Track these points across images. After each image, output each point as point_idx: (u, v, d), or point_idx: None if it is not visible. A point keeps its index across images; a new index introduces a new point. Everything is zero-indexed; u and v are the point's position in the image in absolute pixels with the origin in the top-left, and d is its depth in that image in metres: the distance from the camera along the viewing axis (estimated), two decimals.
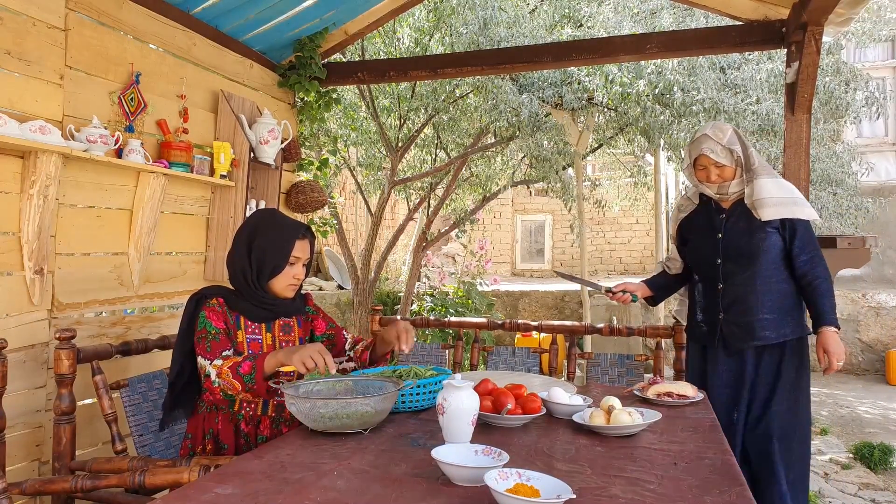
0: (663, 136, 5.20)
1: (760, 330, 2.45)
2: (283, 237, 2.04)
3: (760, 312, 2.45)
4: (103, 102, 2.59)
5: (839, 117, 5.35)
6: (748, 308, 2.46)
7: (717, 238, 2.53)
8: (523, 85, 5.45)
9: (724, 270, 2.52)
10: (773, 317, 2.45)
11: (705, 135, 2.48)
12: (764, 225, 2.44)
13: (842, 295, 7.07)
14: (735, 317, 2.49)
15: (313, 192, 3.78)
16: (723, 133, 2.48)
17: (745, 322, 2.47)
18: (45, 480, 1.91)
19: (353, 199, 11.42)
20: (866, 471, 4.02)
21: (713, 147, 2.46)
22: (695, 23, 5.25)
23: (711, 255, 2.54)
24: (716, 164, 2.47)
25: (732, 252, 2.49)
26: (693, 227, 2.65)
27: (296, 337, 2.14)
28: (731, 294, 2.50)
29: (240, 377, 1.85)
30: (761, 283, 2.45)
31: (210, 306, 1.99)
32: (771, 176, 2.48)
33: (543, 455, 1.57)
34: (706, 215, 2.60)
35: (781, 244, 2.46)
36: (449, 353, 3.33)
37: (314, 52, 3.70)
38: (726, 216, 2.54)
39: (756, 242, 2.44)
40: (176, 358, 2.03)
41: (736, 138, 2.48)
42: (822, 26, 2.83)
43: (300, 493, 1.31)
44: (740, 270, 2.48)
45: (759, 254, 2.44)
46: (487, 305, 7.51)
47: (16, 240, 2.28)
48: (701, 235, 2.60)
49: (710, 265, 2.55)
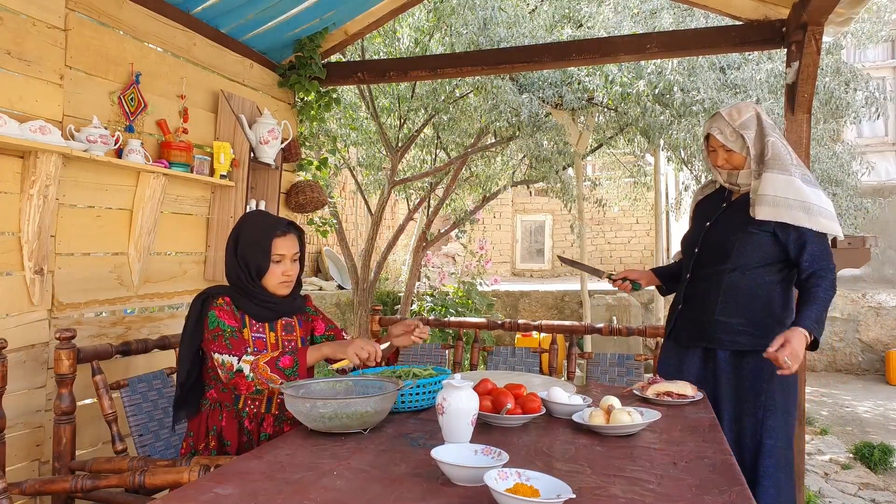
0: (663, 137, 5.19)
1: (711, 332, 2.27)
2: (261, 237, 2.05)
3: (718, 313, 2.25)
4: (103, 102, 2.59)
5: (839, 117, 5.35)
6: (705, 306, 2.29)
7: (705, 226, 2.38)
8: (523, 85, 5.45)
9: (696, 261, 2.36)
10: (733, 321, 2.24)
11: (719, 113, 2.29)
12: (755, 224, 2.20)
13: (842, 295, 7.07)
14: (690, 312, 2.35)
15: (313, 192, 3.78)
16: (739, 114, 2.25)
17: (698, 320, 2.31)
18: (45, 480, 1.91)
19: (353, 199, 11.42)
20: (866, 471, 4.02)
21: (723, 128, 2.25)
22: (695, 23, 5.25)
23: (693, 243, 2.40)
24: (724, 147, 2.27)
25: (707, 246, 2.33)
26: (700, 211, 2.49)
27: (297, 336, 2.14)
28: (694, 288, 2.36)
29: (280, 371, 1.87)
30: (729, 283, 2.25)
31: (218, 305, 2.00)
32: (785, 172, 2.16)
33: (543, 455, 1.57)
34: (715, 201, 2.42)
35: (775, 250, 2.21)
36: (449, 353, 3.33)
37: (314, 52, 3.70)
38: (727, 206, 2.36)
39: (733, 240, 2.24)
40: (184, 358, 2.04)
41: (754, 123, 2.23)
42: (823, 26, 2.83)
43: (300, 493, 1.31)
44: (710, 265, 2.30)
45: (732, 252, 2.23)
46: (487, 305, 7.51)
47: (16, 240, 2.28)
48: (699, 221, 2.44)
49: (689, 255, 2.41)
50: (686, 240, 2.49)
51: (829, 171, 5.55)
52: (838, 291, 6.89)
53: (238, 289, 2.06)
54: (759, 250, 2.22)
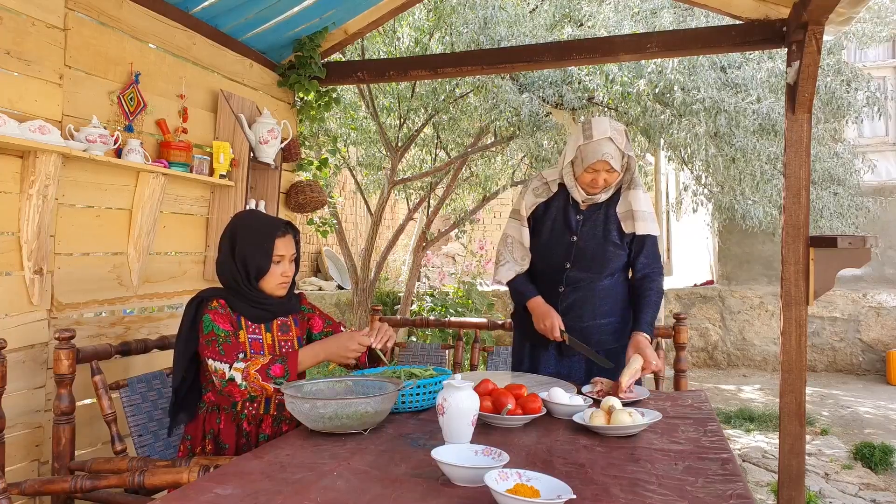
0: (663, 136, 5.19)
1: (597, 335, 2.42)
2: (262, 238, 2.03)
3: (598, 317, 2.41)
4: (103, 102, 2.58)
5: (840, 117, 5.34)
6: (586, 314, 2.42)
7: (570, 240, 2.42)
8: (523, 84, 5.44)
9: (570, 275, 2.43)
10: (609, 321, 2.42)
11: (608, 139, 2.27)
12: (621, 236, 2.39)
13: (842, 295, 7.07)
14: (573, 321, 2.42)
15: (313, 191, 3.78)
16: (621, 136, 2.30)
17: (583, 328, 2.41)
18: (44, 481, 1.91)
19: (353, 199, 11.42)
20: (867, 471, 4.01)
21: (613, 153, 2.27)
22: (695, 22, 5.24)
23: (560, 258, 2.44)
24: (609, 170, 2.30)
25: (583, 259, 2.41)
26: (547, 220, 2.47)
27: (294, 336, 2.13)
28: (572, 298, 2.43)
29: (271, 380, 1.87)
30: (600, 289, 2.42)
31: (213, 309, 1.98)
32: (641, 187, 2.42)
33: (543, 455, 1.57)
34: (562, 210, 2.45)
35: (626, 255, 2.43)
36: (449, 354, 3.32)
37: (314, 51, 3.70)
38: (583, 219, 2.42)
39: (608, 255, 2.39)
40: (178, 363, 2.02)
41: (629, 142, 2.35)
42: (823, 26, 2.82)
43: (300, 494, 1.31)
44: (586, 277, 2.42)
45: (607, 265, 2.40)
46: (487, 305, 7.51)
47: (15, 240, 2.28)
48: (555, 233, 2.45)
49: (557, 268, 2.45)
50: (547, 253, 2.47)
51: (831, 170, 5.54)
52: (838, 291, 6.94)
53: (232, 290, 2.05)
54: (621, 258, 2.43)
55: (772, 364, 7.18)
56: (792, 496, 2.89)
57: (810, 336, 7.14)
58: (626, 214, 2.39)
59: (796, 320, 2.92)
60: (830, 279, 2.91)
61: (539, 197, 2.48)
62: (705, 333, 7.43)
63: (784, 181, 3.00)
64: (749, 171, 5.04)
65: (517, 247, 2.52)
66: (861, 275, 7.02)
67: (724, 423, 4.98)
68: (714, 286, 7.57)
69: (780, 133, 4.82)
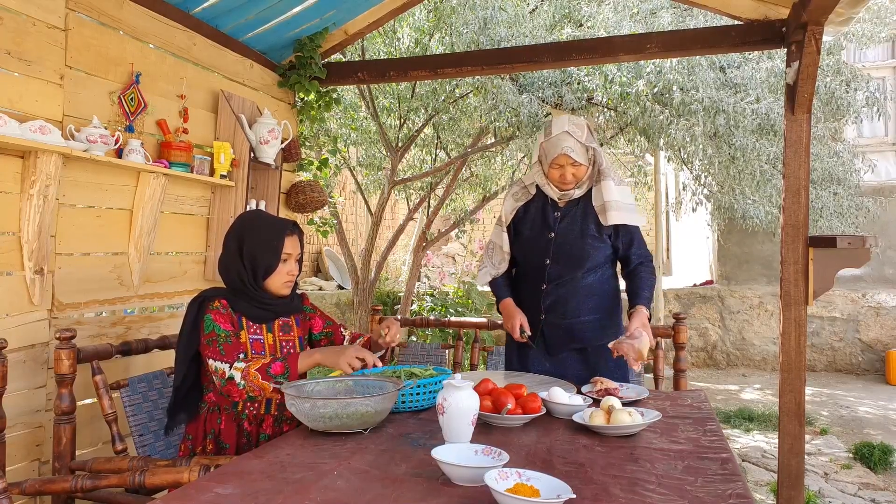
0: (663, 136, 5.19)
1: (580, 332, 2.42)
2: (272, 236, 2.05)
3: (581, 314, 2.42)
4: (103, 102, 2.59)
5: (840, 117, 5.34)
6: (569, 310, 2.42)
7: (548, 237, 2.45)
8: (523, 85, 5.44)
9: (551, 272, 2.44)
10: (593, 318, 2.43)
11: (566, 132, 2.33)
12: (599, 229, 2.40)
13: (841, 295, 7.07)
14: (556, 318, 2.44)
15: (313, 191, 3.78)
16: (581, 130, 2.34)
17: (566, 325, 2.43)
18: (45, 480, 1.91)
19: (353, 199, 11.42)
20: (866, 471, 4.02)
21: (573, 146, 2.32)
22: (694, 22, 5.24)
23: (541, 255, 2.46)
24: (573, 164, 2.35)
25: (563, 255, 2.42)
26: (528, 221, 2.52)
27: (295, 336, 2.14)
28: (554, 295, 2.44)
29: (271, 378, 1.87)
30: (584, 286, 2.42)
31: (214, 309, 1.99)
32: (615, 179, 2.42)
33: (543, 455, 1.57)
34: (541, 210, 2.50)
35: (611, 249, 2.44)
36: (449, 353, 3.33)
37: (314, 52, 3.70)
38: (560, 215, 2.45)
39: (587, 248, 2.40)
40: (180, 362, 2.03)
41: (592, 135, 2.38)
42: (823, 26, 2.82)
43: (300, 493, 1.31)
44: (567, 273, 2.42)
45: (587, 259, 2.40)
46: (487, 305, 7.51)
47: (16, 240, 2.28)
48: (534, 232, 2.49)
49: (538, 266, 2.47)
50: (528, 252, 2.51)
51: (831, 170, 5.54)
52: (838, 291, 6.94)
53: (235, 290, 2.06)
54: (603, 252, 2.44)
55: (771, 364, 7.19)
56: (791, 496, 2.89)
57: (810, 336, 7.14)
58: (601, 207, 2.41)
59: (796, 320, 2.93)
60: (830, 279, 2.91)
61: (518, 201, 2.55)
62: (705, 333, 7.44)
63: (783, 181, 3.00)
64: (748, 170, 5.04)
65: (496, 251, 2.59)
66: (860, 275, 7.03)
67: (724, 422, 4.99)
68: (713, 286, 7.57)
69: (779, 133, 4.82)
